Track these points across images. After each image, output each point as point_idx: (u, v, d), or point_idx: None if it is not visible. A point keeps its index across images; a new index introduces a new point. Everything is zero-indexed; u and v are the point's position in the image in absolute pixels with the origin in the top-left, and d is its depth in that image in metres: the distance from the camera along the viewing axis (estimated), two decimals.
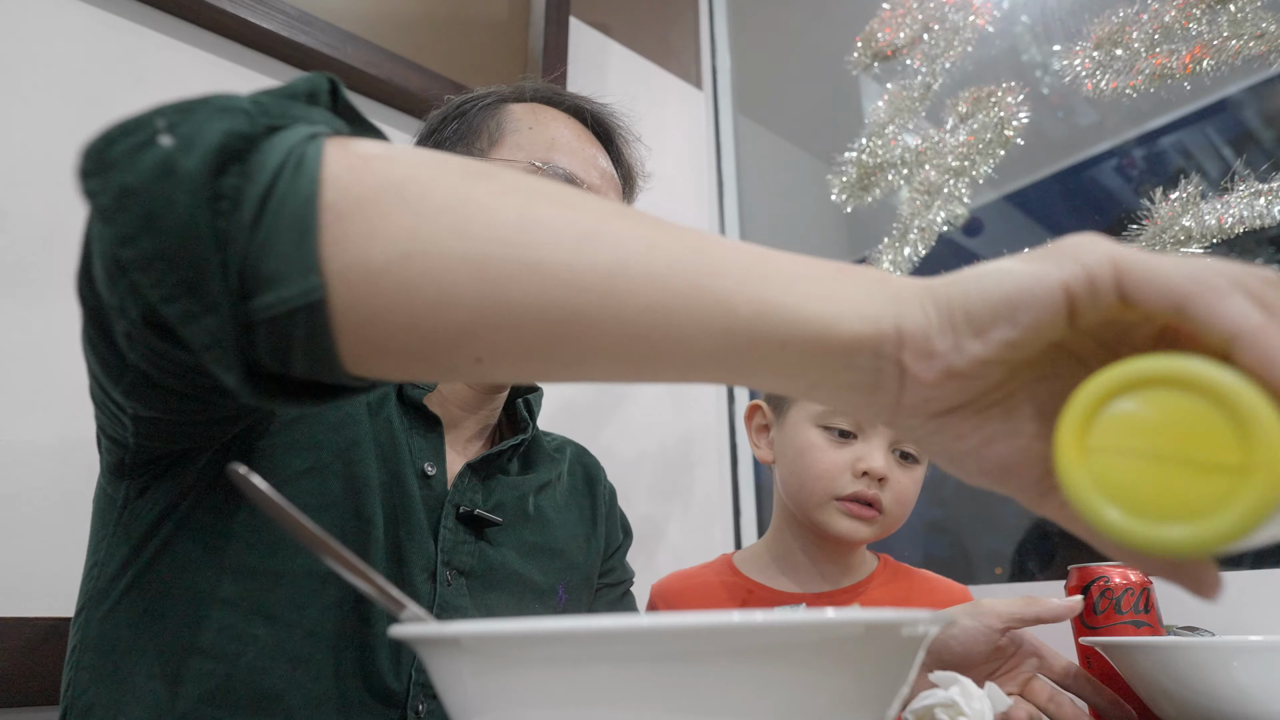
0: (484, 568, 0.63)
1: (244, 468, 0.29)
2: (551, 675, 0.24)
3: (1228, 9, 0.99)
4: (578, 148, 0.71)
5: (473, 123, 0.71)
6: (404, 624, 0.28)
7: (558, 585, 0.68)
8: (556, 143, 0.69)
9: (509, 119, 0.70)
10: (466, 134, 0.70)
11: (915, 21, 1.36)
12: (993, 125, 1.21)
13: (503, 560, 0.64)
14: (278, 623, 0.51)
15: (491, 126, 0.70)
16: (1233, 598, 0.86)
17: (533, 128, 0.70)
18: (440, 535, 0.60)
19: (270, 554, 0.52)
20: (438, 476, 0.62)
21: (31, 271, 0.81)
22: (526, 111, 0.71)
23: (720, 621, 0.22)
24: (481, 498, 0.65)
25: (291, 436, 0.55)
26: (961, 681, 0.42)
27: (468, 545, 0.62)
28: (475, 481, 0.65)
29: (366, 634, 0.54)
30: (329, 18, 1.06)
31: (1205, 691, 0.58)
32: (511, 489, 0.68)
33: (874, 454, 0.78)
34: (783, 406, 0.86)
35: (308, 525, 0.30)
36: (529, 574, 0.66)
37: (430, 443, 0.63)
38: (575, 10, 1.42)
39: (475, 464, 0.65)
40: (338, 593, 0.53)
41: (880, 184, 1.35)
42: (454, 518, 0.62)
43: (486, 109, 0.72)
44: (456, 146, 0.70)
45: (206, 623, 0.50)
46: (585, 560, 0.73)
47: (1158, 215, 1.00)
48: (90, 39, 0.90)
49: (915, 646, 0.26)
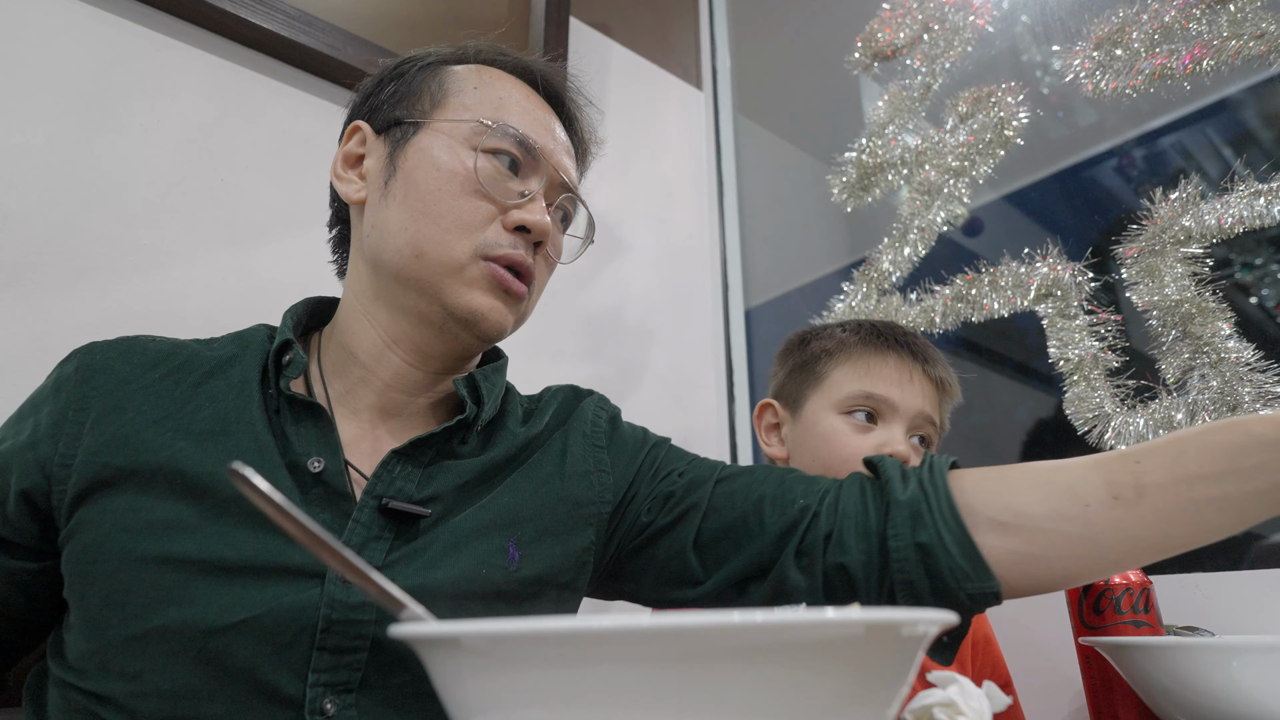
0: (404, 560, 0.56)
1: (244, 467, 0.29)
2: (551, 675, 0.24)
3: (1228, 9, 0.99)
4: (526, 107, 0.66)
5: (412, 84, 0.66)
6: (404, 624, 0.27)
7: (506, 545, 0.60)
8: (505, 103, 0.64)
9: (451, 79, 0.65)
10: (405, 96, 0.66)
11: (915, 21, 1.37)
12: (993, 125, 1.21)
13: (430, 549, 0.57)
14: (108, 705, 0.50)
15: (433, 87, 0.65)
16: (1233, 598, 0.86)
17: (478, 88, 0.65)
18: (348, 530, 0.55)
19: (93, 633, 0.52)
20: (328, 469, 0.56)
21: (31, 271, 0.81)
22: (470, 72, 0.66)
23: (720, 621, 0.22)
24: (415, 486, 0.58)
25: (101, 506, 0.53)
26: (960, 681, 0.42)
27: (382, 540, 0.56)
28: (410, 468, 0.59)
29: (222, 670, 0.50)
30: (329, 18, 1.07)
31: (1205, 691, 0.58)
32: (457, 474, 0.61)
33: (896, 438, 0.81)
34: (798, 400, 0.87)
35: (308, 525, 0.30)
36: (465, 553, 0.58)
37: (319, 434, 0.57)
38: (575, 10, 1.42)
39: (404, 449, 0.59)
40: (168, 647, 0.50)
41: (880, 184, 1.35)
42: (372, 510, 0.56)
43: (426, 69, 0.67)
44: (396, 109, 0.65)
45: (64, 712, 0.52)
46: (548, 503, 0.63)
47: (1158, 215, 1.00)
48: (90, 39, 0.90)
49: (915, 646, 0.26)
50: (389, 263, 0.61)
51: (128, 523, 0.52)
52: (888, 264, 1.29)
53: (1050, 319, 1.08)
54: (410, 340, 0.63)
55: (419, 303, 0.61)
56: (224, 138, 0.98)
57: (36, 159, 0.84)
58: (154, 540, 0.52)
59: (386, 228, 0.62)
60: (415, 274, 0.60)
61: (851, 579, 0.58)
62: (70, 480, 0.53)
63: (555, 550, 0.62)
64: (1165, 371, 0.96)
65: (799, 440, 0.86)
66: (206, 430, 0.56)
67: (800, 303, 1.51)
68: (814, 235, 1.55)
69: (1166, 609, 0.82)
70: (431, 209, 0.60)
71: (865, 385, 0.83)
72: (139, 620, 0.50)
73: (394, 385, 0.63)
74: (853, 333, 0.88)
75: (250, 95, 1.01)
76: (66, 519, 0.54)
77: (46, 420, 0.56)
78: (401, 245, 0.60)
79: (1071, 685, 0.88)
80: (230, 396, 0.58)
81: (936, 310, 1.19)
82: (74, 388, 0.57)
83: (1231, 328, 0.92)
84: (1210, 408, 0.91)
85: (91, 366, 0.58)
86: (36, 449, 0.55)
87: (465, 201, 0.61)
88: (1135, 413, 0.97)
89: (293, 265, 1.00)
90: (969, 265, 1.19)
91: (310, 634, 0.51)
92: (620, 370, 1.34)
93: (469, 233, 0.60)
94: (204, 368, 0.60)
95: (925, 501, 0.57)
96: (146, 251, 0.89)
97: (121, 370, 0.58)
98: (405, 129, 0.64)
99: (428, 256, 0.60)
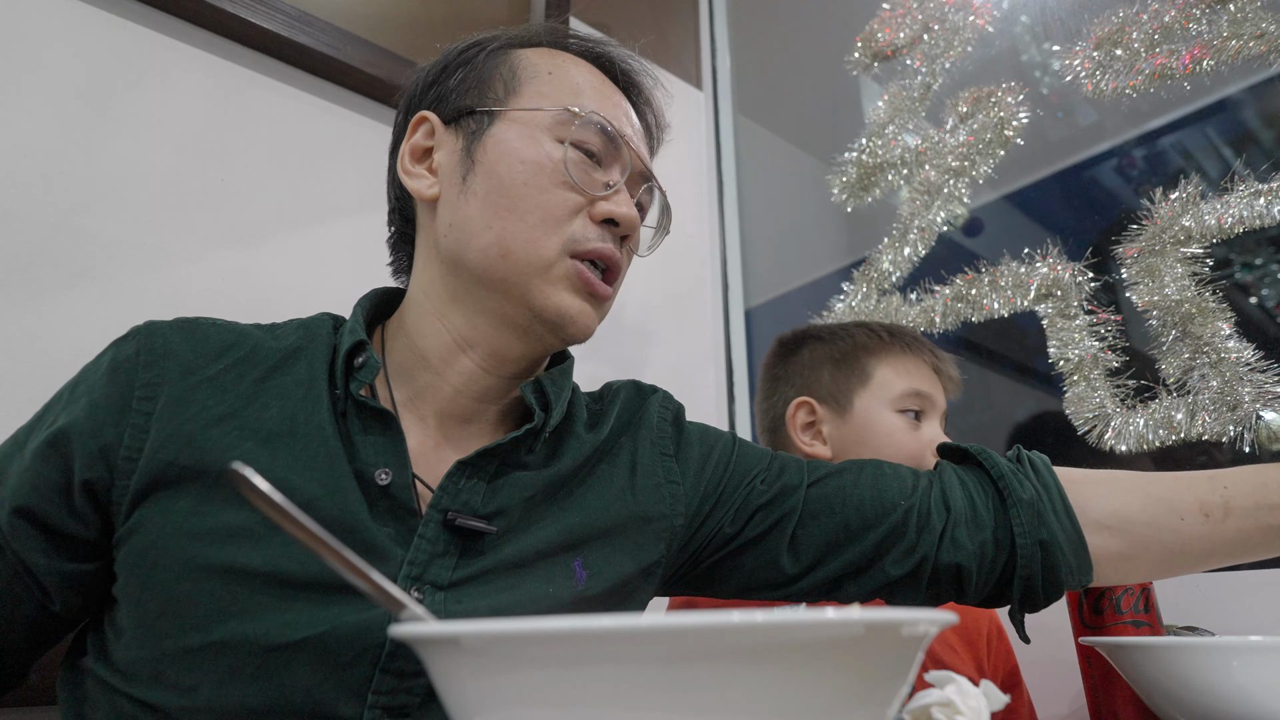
0: (469, 578, 0.54)
1: (244, 467, 0.29)
2: (552, 675, 0.24)
3: (1228, 9, 0.99)
4: (604, 93, 0.63)
5: (482, 70, 0.63)
6: (403, 624, 0.27)
7: (573, 563, 0.58)
8: (581, 89, 0.62)
9: (524, 65, 0.62)
10: (476, 84, 0.62)
11: (915, 21, 1.37)
12: (993, 125, 1.21)
13: (498, 567, 0.55)
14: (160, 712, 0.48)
15: (505, 74, 0.62)
16: (1233, 598, 0.86)
17: (552, 73, 0.62)
18: (414, 546, 0.53)
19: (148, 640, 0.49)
20: (395, 482, 0.54)
21: (31, 271, 0.81)
22: (542, 57, 0.63)
23: (720, 621, 0.22)
24: (481, 499, 0.56)
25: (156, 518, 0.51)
26: (957, 680, 0.42)
27: (449, 558, 0.53)
28: (475, 480, 0.56)
29: (280, 688, 0.48)
30: (329, 18, 1.07)
31: (1205, 691, 0.58)
32: (524, 487, 0.58)
33: (939, 433, 0.86)
34: (845, 399, 0.88)
35: (308, 525, 0.30)
36: (531, 575, 0.56)
37: (387, 444, 0.55)
38: (575, 10, 1.42)
39: (470, 460, 0.56)
40: (226, 662, 0.48)
41: (880, 184, 1.35)
42: (437, 525, 0.54)
43: (494, 54, 0.64)
44: (466, 97, 0.62)
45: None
46: (627, 520, 0.61)
47: (1157, 215, 1.00)
48: (90, 39, 0.90)
49: (915, 646, 0.26)
50: (472, 263, 0.58)
51: (191, 527, 0.49)
52: (888, 264, 1.29)
53: (1050, 319, 1.08)
54: (488, 343, 0.60)
55: (503, 305, 0.58)
56: (224, 138, 0.98)
57: (36, 159, 0.84)
58: (218, 549, 0.49)
59: (468, 226, 0.58)
60: (501, 274, 0.57)
61: (963, 574, 0.62)
62: (134, 476, 0.50)
63: (625, 567, 0.60)
64: (1165, 371, 0.96)
65: (851, 438, 0.87)
66: (274, 431, 0.53)
67: (800, 303, 1.51)
68: (814, 235, 1.55)
69: (1166, 609, 0.82)
70: (519, 204, 0.57)
71: (914, 383, 0.87)
72: (199, 633, 0.48)
73: (464, 391, 0.60)
74: (877, 331, 0.91)
75: (250, 95, 1.01)
76: (126, 516, 0.51)
77: (106, 404, 0.52)
78: (486, 244, 0.57)
79: (1071, 685, 0.88)
80: (298, 395, 0.55)
81: (936, 310, 1.19)
82: (138, 372, 0.53)
83: (1231, 328, 0.92)
84: (1210, 408, 0.91)
85: (155, 350, 0.54)
86: (99, 435, 0.51)
87: (553, 195, 0.58)
88: (1135, 413, 0.97)
89: (293, 265, 1.00)
90: (969, 265, 1.19)
91: (374, 655, 0.50)
92: (620, 370, 1.34)
93: (557, 227, 0.57)
94: (269, 360, 0.56)
95: (1046, 500, 0.61)
96: (146, 251, 0.89)
97: (186, 357, 0.54)
98: (480, 119, 0.61)
99: (515, 255, 0.57)
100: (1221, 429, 0.90)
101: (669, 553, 0.63)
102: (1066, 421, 1.02)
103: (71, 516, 0.51)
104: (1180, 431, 0.93)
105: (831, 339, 0.92)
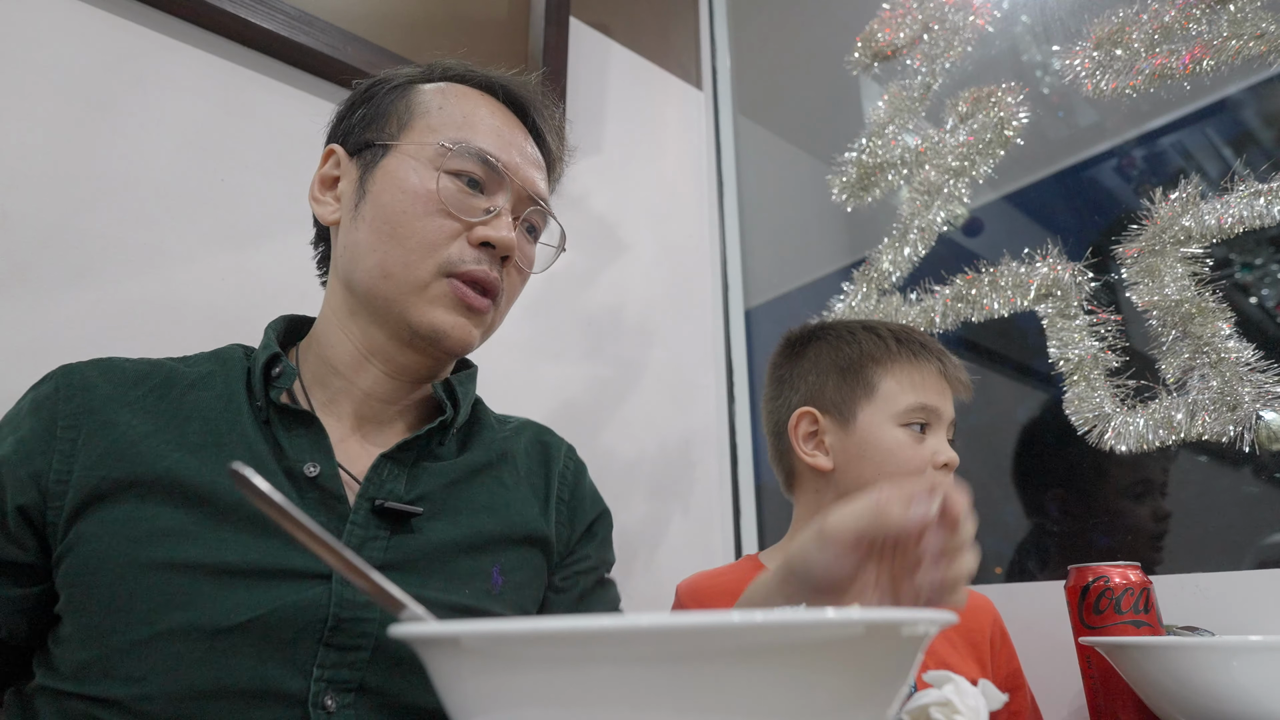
0: (401, 559, 0.59)
1: (244, 468, 0.29)
2: (551, 675, 0.24)
3: (1228, 9, 0.99)
4: (495, 125, 0.67)
5: (381, 106, 0.68)
6: (403, 623, 0.27)
7: (491, 568, 0.63)
8: (470, 120, 0.66)
9: (418, 100, 0.67)
10: (375, 118, 0.68)
11: (915, 21, 1.37)
12: (993, 125, 1.21)
13: (424, 549, 0.60)
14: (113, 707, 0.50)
15: (400, 109, 0.67)
16: (1233, 598, 0.86)
17: (442, 108, 0.67)
18: (346, 532, 0.57)
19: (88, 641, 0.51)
20: (323, 474, 0.58)
21: (31, 271, 0.81)
22: (436, 92, 0.68)
23: (720, 621, 0.22)
24: (404, 487, 0.61)
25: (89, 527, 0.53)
26: (955, 680, 0.42)
27: (380, 540, 0.58)
28: (397, 470, 0.62)
29: (228, 669, 0.51)
30: (329, 18, 1.06)
31: (1205, 691, 0.58)
32: (440, 475, 0.64)
33: (944, 445, 0.84)
34: (849, 411, 0.86)
35: (308, 525, 0.30)
36: (457, 560, 0.62)
37: (311, 440, 0.60)
38: (575, 10, 1.42)
39: (391, 452, 0.61)
40: (173, 649, 0.50)
41: (880, 184, 1.35)
42: (366, 512, 0.58)
43: (394, 91, 0.69)
44: (366, 132, 0.67)
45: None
46: (529, 538, 0.67)
47: (1158, 215, 1.00)
48: (90, 39, 0.90)
49: (915, 646, 0.26)
50: (360, 283, 0.64)
51: (130, 532, 0.53)
52: (888, 264, 1.29)
53: (1050, 319, 1.08)
54: (385, 353, 0.65)
55: (387, 321, 0.64)
56: (224, 138, 0.98)
57: (36, 159, 0.84)
58: (158, 547, 0.52)
59: (357, 250, 0.64)
60: (383, 294, 0.63)
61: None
62: (67, 496, 0.54)
63: (533, 582, 0.67)
64: (1165, 371, 0.96)
65: (854, 452, 0.85)
66: (199, 443, 0.57)
67: (800, 303, 1.51)
68: (814, 235, 1.55)
69: (1166, 609, 0.82)
70: (398, 230, 0.63)
71: (920, 397, 0.84)
72: (145, 625, 0.50)
73: (373, 394, 0.66)
74: (885, 338, 0.88)
75: (250, 95, 1.01)
76: (63, 535, 0.54)
77: (32, 436, 0.56)
78: (371, 266, 0.63)
79: (1071, 685, 0.88)
80: (218, 409, 0.59)
81: (936, 310, 1.19)
82: (58, 405, 0.57)
83: (1231, 328, 0.92)
84: (1210, 408, 0.91)
85: (73, 385, 0.58)
86: (29, 463, 0.54)
87: (429, 221, 0.63)
88: (1135, 413, 0.97)
89: (293, 265, 1.00)
90: (969, 265, 1.19)
91: (317, 631, 0.53)
92: (620, 370, 1.34)
93: (433, 251, 0.63)
94: (184, 382, 0.61)
95: None
96: (146, 251, 0.89)
97: (104, 388, 0.58)
98: (375, 151, 0.66)
99: (394, 277, 0.62)
100: (1221, 429, 0.90)
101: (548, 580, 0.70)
102: (1066, 421, 1.02)
103: (9, 543, 0.54)
104: (1180, 431, 0.93)
105: (838, 343, 0.90)
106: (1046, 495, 1.13)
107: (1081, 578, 0.78)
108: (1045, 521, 1.14)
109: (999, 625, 0.88)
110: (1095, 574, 0.77)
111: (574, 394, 1.26)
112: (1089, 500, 1.06)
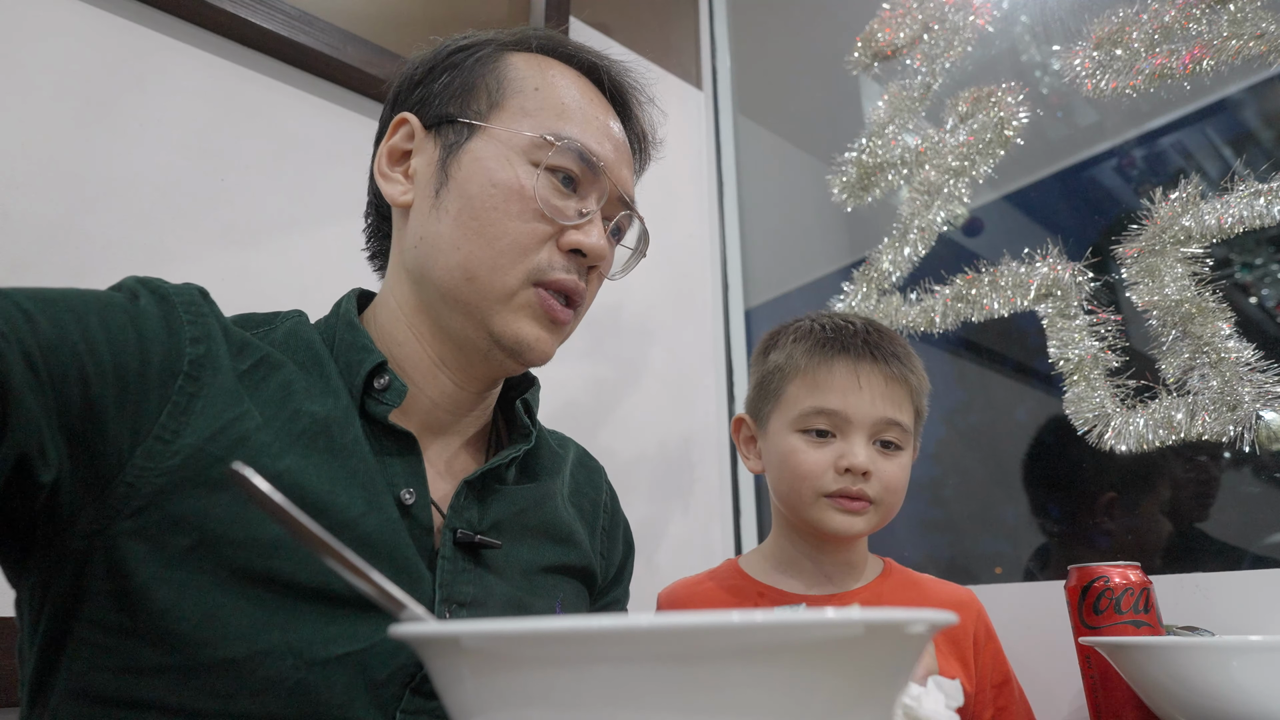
0: (484, 595, 0.56)
1: (244, 467, 0.29)
2: (551, 675, 0.24)
3: (1228, 9, 0.99)
4: (591, 114, 0.61)
5: (468, 78, 0.61)
6: (404, 623, 0.27)
7: (554, 604, 0.61)
8: (567, 109, 0.60)
9: (511, 74, 0.61)
10: (461, 91, 0.61)
11: (915, 21, 1.36)
12: (993, 125, 1.21)
13: (502, 584, 0.57)
14: (200, 717, 0.45)
15: (491, 84, 0.60)
16: (1233, 598, 0.86)
17: (539, 89, 0.60)
18: (439, 567, 0.54)
19: (175, 649, 0.45)
20: (417, 503, 0.55)
21: (31, 271, 0.81)
22: (531, 66, 0.61)
23: (720, 621, 0.22)
24: (477, 516, 0.58)
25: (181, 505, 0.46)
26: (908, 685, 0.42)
27: (467, 574, 0.55)
28: (471, 499, 0.58)
29: (315, 702, 0.47)
30: (329, 18, 1.06)
31: (1205, 691, 0.58)
32: (510, 503, 0.60)
33: (854, 450, 0.79)
34: (764, 417, 0.87)
35: (308, 525, 0.30)
36: (529, 598, 0.59)
37: (408, 465, 0.56)
38: (575, 10, 1.42)
39: (473, 480, 0.57)
40: (266, 673, 0.46)
41: (880, 184, 1.35)
42: (451, 544, 0.55)
43: (483, 61, 0.62)
44: (449, 104, 0.60)
45: None
46: (583, 570, 0.66)
47: (1157, 215, 1.00)
48: (90, 39, 0.90)
49: (915, 646, 0.26)
50: (437, 281, 0.58)
51: (233, 535, 0.47)
52: (888, 264, 1.29)
53: (1050, 319, 1.08)
54: (456, 362, 0.61)
55: (465, 327, 0.58)
56: (224, 138, 0.97)
57: (36, 159, 0.84)
58: (260, 557, 0.47)
59: (438, 243, 0.58)
60: (464, 297, 0.57)
61: None
62: (172, 458, 0.46)
63: (581, 613, 0.65)
64: (1165, 371, 0.96)
65: (768, 456, 0.86)
66: (310, 447, 0.51)
67: (800, 303, 1.51)
68: (814, 235, 1.55)
69: (1166, 609, 0.82)
70: (487, 230, 0.57)
71: (815, 400, 0.81)
72: (242, 642, 0.46)
73: (440, 404, 0.61)
74: (801, 341, 0.85)
75: (250, 95, 1.01)
76: (139, 508, 0.46)
77: (156, 329, 0.48)
78: (453, 265, 0.57)
79: (1071, 685, 0.88)
80: (325, 409, 0.53)
81: (936, 310, 1.19)
82: (181, 338, 0.49)
83: (1231, 328, 0.92)
84: (1210, 408, 0.91)
85: (201, 323, 0.50)
86: (157, 342, 0.47)
87: (522, 223, 0.57)
88: (1135, 413, 0.97)
89: (293, 265, 1.00)
90: (969, 265, 1.19)
91: (408, 675, 0.50)
92: (620, 370, 1.34)
93: (523, 256, 0.57)
94: (284, 368, 0.54)
95: None
96: (146, 251, 0.89)
97: (224, 345, 0.51)
98: (460, 130, 0.60)
99: (479, 281, 0.57)
100: (1221, 429, 0.90)
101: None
102: (1066, 421, 1.02)
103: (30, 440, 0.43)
104: (1180, 431, 0.93)
105: (770, 349, 0.89)
106: (1046, 495, 1.13)
107: (1081, 578, 0.78)
108: (1045, 521, 1.14)
109: (984, 621, 0.88)
110: (1095, 574, 0.77)
111: (574, 394, 1.26)
112: (1089, 500, 1.06)
